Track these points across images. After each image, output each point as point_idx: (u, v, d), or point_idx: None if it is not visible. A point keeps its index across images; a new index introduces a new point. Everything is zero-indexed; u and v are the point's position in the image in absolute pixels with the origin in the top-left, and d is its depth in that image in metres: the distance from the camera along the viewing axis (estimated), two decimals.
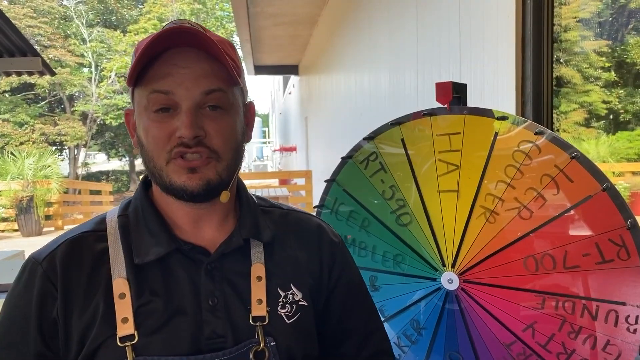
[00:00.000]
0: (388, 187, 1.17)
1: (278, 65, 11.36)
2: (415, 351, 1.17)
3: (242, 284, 0.77)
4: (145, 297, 0.73)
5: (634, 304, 0.93)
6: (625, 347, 0.95)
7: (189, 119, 0.69)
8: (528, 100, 1.97)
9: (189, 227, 0.77)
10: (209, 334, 0.73)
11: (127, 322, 0.71)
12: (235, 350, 0.73)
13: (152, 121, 0.71)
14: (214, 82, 0.71)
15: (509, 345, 1.05)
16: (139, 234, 0.76)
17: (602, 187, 0.94)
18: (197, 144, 0.70)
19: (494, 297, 1.05)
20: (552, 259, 0.99)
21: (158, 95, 0.70)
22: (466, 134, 1.06)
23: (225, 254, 0.77)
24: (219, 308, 0.75)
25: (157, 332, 0.72)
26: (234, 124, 0.74)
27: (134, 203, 0.80)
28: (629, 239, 0.93)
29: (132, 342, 0.70)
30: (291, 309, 0.79)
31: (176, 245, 0.75)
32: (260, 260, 0.79)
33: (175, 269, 0.75)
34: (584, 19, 13.69)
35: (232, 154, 0.74)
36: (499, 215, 1.03)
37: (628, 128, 14.50)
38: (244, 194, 0.84)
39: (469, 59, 2.37)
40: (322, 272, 0.86)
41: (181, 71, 0.69)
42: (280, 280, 0.80)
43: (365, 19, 4.61)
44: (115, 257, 0.74)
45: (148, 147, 0.72)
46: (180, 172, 0.71)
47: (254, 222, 0.81)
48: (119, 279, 0.73)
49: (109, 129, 22.01)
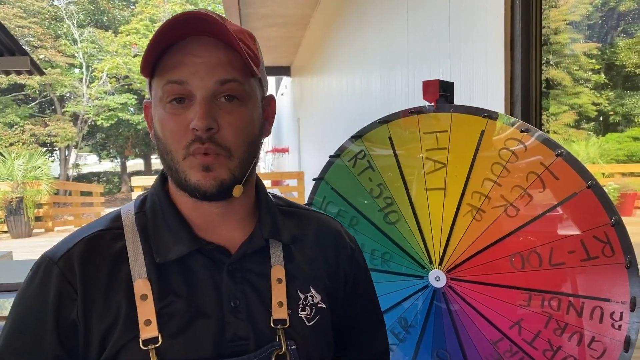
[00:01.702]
0: (376, 185, 1.17)
1: (270, 66, 11.35)
2: (403, 349, 1.17)
3: (262, 286, 0.75)
4: (168, 299, 0.70)
5: (618, 301, 0.94)
6: (610, 344, 0.95)
7: (203, 109, 0.67)
8: (517, 101, 1.98)
9: (208, 225, 0.75)
10: (232, 336, 0.71)
11: (150, 325, 0.68)
12: (259, 354, 0.71)
13: (167, 113, 0.69)
14: (230, 72, 0.68)
15: (495, 342, 1.05)
16: (158, 232, 0.73)
17: (587, 185, 0.95)
18: (208, 140, 0.67)
19: (481, 295, 1.06)
20: (538, 256, 1.00)
21: (173, 85, 0.68)
22: (453, 132, 1.06)
23: (246, 254, 0.75)
24: (240, 310, 0.72)
25: (180, 334, 0.69)
26: (250, 117, 0.72)
27: (150, 199, 0.77)
28: (614, 236, 0.93)
29: (156, 345, 0.67)
30: (311, 311, 0.78)
31: (198, 245, 0.73)
32: (280, 263, 0.77)
33: (196, 268, 0.73)
34: (574, 22, 13.79)
35: (244, 148, 0.71)
36: (485, 213, 1.04)
37: (617, 130, 14.65)
38: (263, 193, 0.81)
39: (458, 59, 2.38)
40: (339, 275, 0.84)
41: (196, 60, 0.67)
42: (300, 283, 0.78)
43: (356, 20, 4.62)
44: (135, 257, 0.71)
45: (165, 141, 0.70)
46: (196, 170, 0.68)
47: (273, 222, 0.79)
48: (140, 279, 0.70)
49: (100, 130, 21.87)
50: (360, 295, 0.87)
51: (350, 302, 0.85)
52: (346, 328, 0.86)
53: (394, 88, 3.48)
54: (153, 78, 0.71)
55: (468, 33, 2.29)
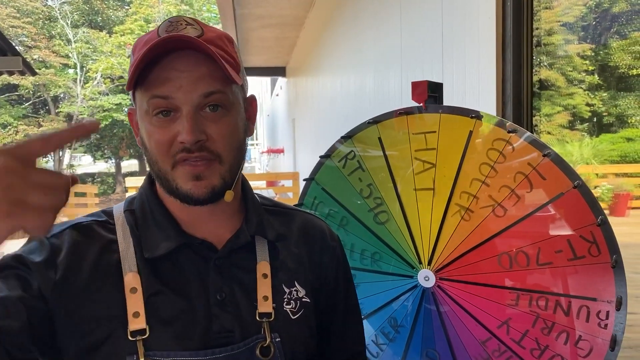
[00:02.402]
0: (366, 185, 1.17)
1: (265, 67, 11.34)
2: (393, 348, 1.17)
3: (248, 281, 0.78)
4: (156, 292, 0.73)
5: (604, 300, 0.95)
6: (596, 342, 0.96)
7: (190, 123, 0.69)
8: (508, 102, 1.99)
9: (195, 223, 0.78)
10: (218, 328, 0.74)
11: (139, 317, 0.70)
12: (243, 345, 0.74)
13: (154, 126, 0.71)
14: (213, 85, 0.71)
15: (484, 342, 1.06)
16: (147, 228, 0.76)
17: (574, 185, 0.95)
18: (199, 149, 0.70)
19: (470, 294, 1.06)
20: (526, 256, 1.01)
21: (158, 100, 0.70)
22: (442, 133, 1.07)
23: (232, 250, 0.78)
24: (227, 303, 0.75)
25: (167, 326, 0.72)
26: (236, 123, 0.75)
27: (139, 199, 0.80)
28: (600, 236, 0.94)
29: (144, 336, 0.70)
30: (295, 305, 0.80)
31: (185, 240, 0.76)
32: (266, 258, 0.80)
33: (184, 263, 0.76)
34: (568, 23, 13.84)
35: (234, 154, 0.74)
36: (473, 213, 1.04)
37: (611, 130, 14.66)
38: (249, 193, 0.84)
39: (451, 60, 2.39)
40: (322, 272, 0.87)
41: (180, 75, 0.70)
42: (285, 278, 0.81)
43: (350, 21, 4.63)
44: (126, 252, 0.74)
45: (152, 152, 0.73)
46: (186, 179, 0.71)
47: (259, 220, 0.82)
48: (130, 273, 0.72)
49: None
50: (340, 293, 0.89)
51: (330, 299, 0.88)
52: (324, 325, 0.87)
53: (387, 89, 3.49)
54: (136, 90, 0.73)
55: (460, 34, 2.30)
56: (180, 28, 0.72)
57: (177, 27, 0.72)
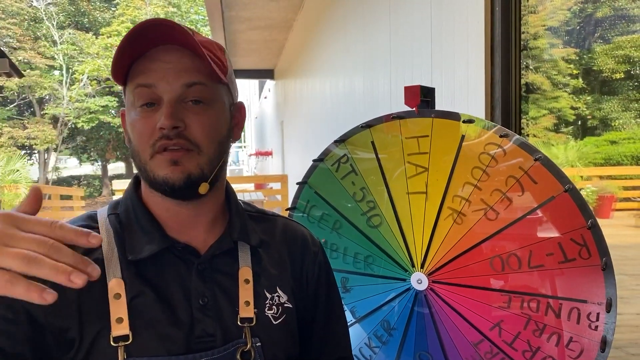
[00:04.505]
0: (359, 189, 1.18)
1: (254, 69, 11.33)
2: (385, 352, 1.18)
3: (230, 286, 0.79)
4: (138, 293, 0.73)
5: (595, 302, 0.96)
6: (587, 344, 0.98)
7: (169, 109, 0.70)
8: (497, 105, 2.01)
9: (179, 227, 0.78)
10: (200, 332, 0.74)
11: (122, 322, 0.71)
12: (224, 350, 0.74)
13: (137, 116, 0.73)
14: (196, 76, 0.72)
15: (476, 344, 1.07)
16: (131, 232, 0.77)
17: (565, 189, 0.97)
18: (177, 136, 0.71)
19: (462, 297, 1.07)
20: (518, 259, 1.02)
21: (142, 89, 0.72)
22: (434, 137, 1.08)
23: (215, 255, 0.79)
24: (209, 307, 0.76)
25: (150, 329, 0.72)
26: (217, 119, 0.76)
27: (124, 202, 0.80)
28: (590, 239, 0.96)
29: (126, 342, 0.70)
30: (277, 310, 0.81)
31: (168, 244, 0.76)
32: (248, 264, 0.81)
33: (167, 267, 0.76)
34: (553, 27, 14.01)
35: (214, 147, 0.75)
36: (466, 217, 1.05)
37: (595, 133, 14.84)
38: (233, 199, 0.85)
39: (440, 64, 2.41)
40: (303, 278, 0.88)
41: (163, 65, 0.72)
42: (267, 283, 0.82)
43: (339, 24, 4.65)
44: (110, 257, 0.74)
45: (134, 142, 0.74)
46: (163, 165, 0.71)
47: (242, 226, 0.83)
48: (114, 279, 0.72)
49: (80, 133, 21.58)
50: (322, 298, 0.90)
51: (312, 305, 0.88)
52: (307, 330, 0.88)
53: (377, 92, 3.51)
54: (126, 85, 0.75)
55: (449, 38, 2.32)
56: None
57: None
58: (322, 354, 0.90)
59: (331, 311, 0.92)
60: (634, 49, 14.11)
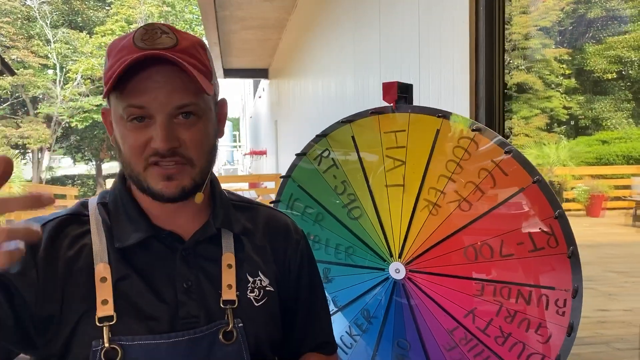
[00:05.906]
0: (340, 182, 1.22)
1: (248, 68, 11.35)
2: (366, 339, 1.22)
3: (213, 270, 0.83)
4: (124, 275, 0.77)
5: (562, 289, 1.01)
6: (555, 329, 1.02)
7: (164, 132, 0.73)
8: (481, 104, 2.05)
9: (165, 216, 0.82)
10: (184, 314, 0.78)
11: (107, 304, 0.74)
12: (206, 329, 0.78)
13: (128, 130, 0.75)
14: (186, 97, 0.75)
15: (451, 330, 1.11)
16: (119, 220, 0.80)
17: (533, 180, 1.01)
18: (171, 154, 0.75)
19: (438, 285, 1.11)
20: (490, 248, 1.06)
21: (134, 109, 0.74)
22: (411, 131, 1.12)
23: (199, 241, 0.83)
24: (193, 290, 0.80)
25: (135, 310, 0.76)
26: (207, 129, 0.79)
27: (112, 193, 0.85)
28: (557, 228, 1.00)
29: (111, 322, 0.74)
30: (259, 293, 0.85)
31: (154, 232, 0.80)
32: (231, 250, 0.85)
33: (153, 253, 0.80)
34: (545, 28, 14.08)
35: (205, 157, 0.79)
36: (441, 208, 1.09)
37: (587, 133, 14.91)
38: (217, 189, 0.89)
39: (427, 64, 2.46)
40: (286, 264, 0.91)
41: (155, 85, 0.73)
42: (249, 268, 0.86)
43: (332, 24, 4.69)
44: (98, 242, 0.78)
45: (125, 154, 0.77)
46: (157, 180, 0.75)
47: (226, 214, 0.86)
48: (101, 263, 0.77)
49: (74, 132, 21.52)
50: (304, 284, 0.94)
51: (295, 291, 0.92)
52: (290, 315, 0.92)
53: (367, 91, 3.55)
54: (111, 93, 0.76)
55: (436, 39, 2.37)
56: (156, 37, 0.75)
57: (153, 37, 0.75)
58: (305, 338, 0.93)
59: (314, 297, 0.95)
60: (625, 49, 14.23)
